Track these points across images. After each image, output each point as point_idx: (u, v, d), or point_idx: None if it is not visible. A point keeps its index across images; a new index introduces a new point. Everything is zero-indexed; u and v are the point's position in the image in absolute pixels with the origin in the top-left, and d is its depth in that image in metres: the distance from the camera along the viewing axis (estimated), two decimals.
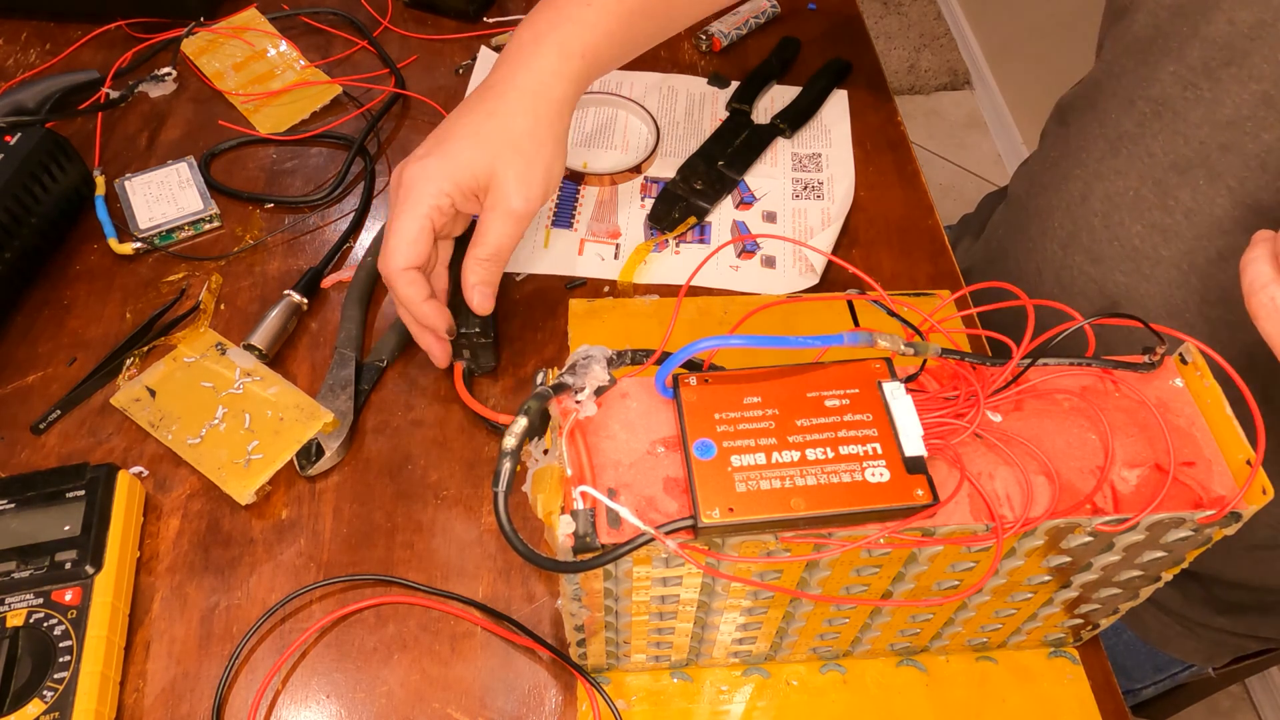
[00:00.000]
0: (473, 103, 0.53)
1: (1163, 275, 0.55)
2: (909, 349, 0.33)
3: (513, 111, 0.51)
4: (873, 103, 0.76)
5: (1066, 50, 0.66)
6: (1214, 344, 0.35)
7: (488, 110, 0.52)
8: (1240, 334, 0.47)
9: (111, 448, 0.54)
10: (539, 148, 0.51)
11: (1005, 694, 0.47)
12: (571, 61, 0.53)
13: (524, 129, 0.51)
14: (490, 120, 0.51)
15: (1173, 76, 0.53)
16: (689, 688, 0.47)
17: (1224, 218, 0.51)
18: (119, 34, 0.77)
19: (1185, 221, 0.52)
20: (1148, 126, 0.54)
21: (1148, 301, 0.56)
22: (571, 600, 0.37)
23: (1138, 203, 0.55)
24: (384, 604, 0.49)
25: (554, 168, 0.52)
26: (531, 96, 0.52)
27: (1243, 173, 0.50)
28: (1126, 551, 0.36)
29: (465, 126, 0.51)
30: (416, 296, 0.51)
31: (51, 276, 0.62)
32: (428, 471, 0.54)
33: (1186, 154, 0.52)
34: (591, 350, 0.34)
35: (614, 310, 0.61)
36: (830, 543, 0.33)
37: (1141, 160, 0.55)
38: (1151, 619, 0.72)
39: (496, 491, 0.32)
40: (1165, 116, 0.53)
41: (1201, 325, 0.54)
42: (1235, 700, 1.38)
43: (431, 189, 0.49)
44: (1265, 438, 0.32)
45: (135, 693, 0.46)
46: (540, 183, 0.51)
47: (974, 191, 2.02)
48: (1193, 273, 0.53)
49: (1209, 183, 0.51)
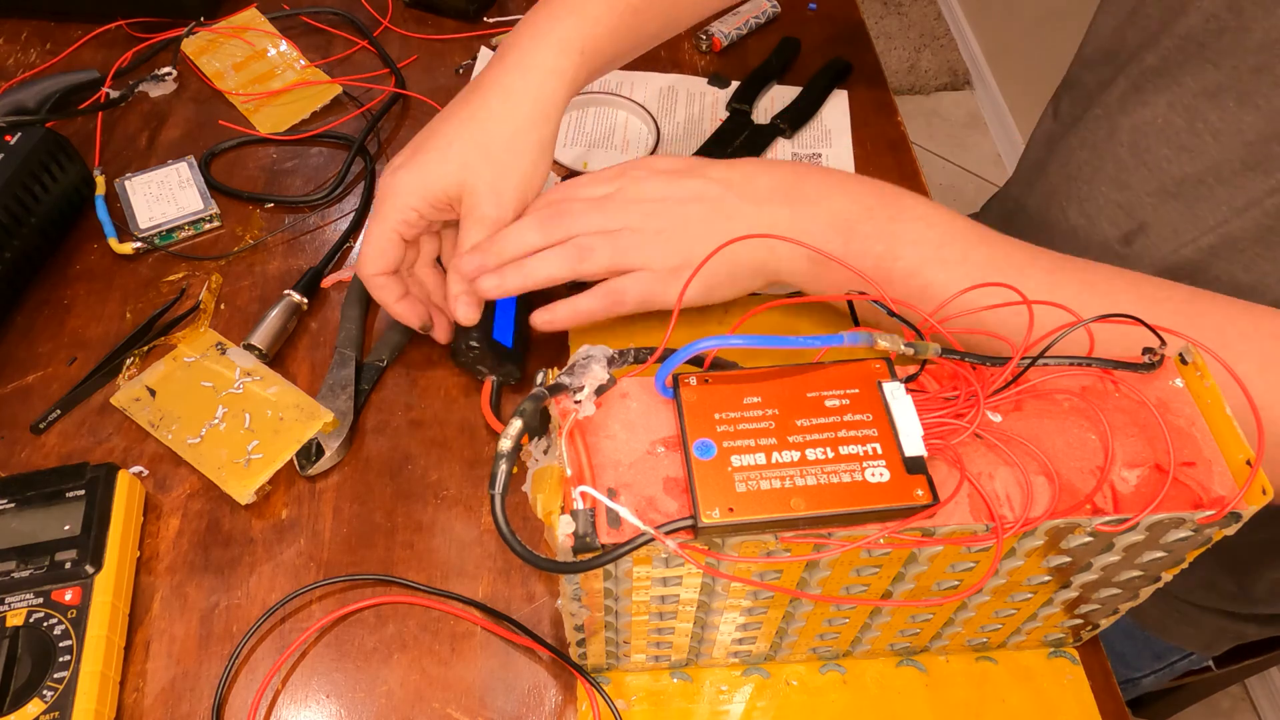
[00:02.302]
0: (456, 105, 0.53)
1: (1189, 192, 0.55)
2: (909, 349, 0.33)
3: (493, 117, 0.52)
4: (873, 103, 0.76)
5: (1067, 50, 0.66)
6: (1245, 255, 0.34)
7: (467, 115, 0.52)
8: None
9: (111, 447, 0.54)
10: (516, 156, 0.51)
11: (1005, 694, 0.47)
12: (570, 57, 0.53)
13: (502, 137, 0.51)
14: (467, 127, 0.52)
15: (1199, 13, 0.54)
16: (689, 688, 0.47)
17: (1248, 131, 0.52)
18: (119, 34, 0.77)
19: (1213, 142, 0.53)
20: (1173, 60, 0.55)
21: (1176, 219, 0.56)
22: (571, 600, 0.37)
23: (1166, 128, 0.56)
24: (384, 604, 0.49)
25: (533, 175, 0.52)
26: (517, 100, 0.52)
27: (1270, 91, 0.51)
28: (1126, 552, 0.36)
29: (442, 136, 0.52)
30: (389, 299, 0.54)
31: (52, 276, 0.62)
32: (428, 471, 0.54)
33: (1217, 79, 0.53)
34: (592, 350, 0.34)
35: None
36: (830, 543, 0.33)
37: (1170, 90, 0.55)
38: (1149, 605, 0.72)
39: (493, 494, 0.32)
40: (1191, 49, 0.54)
41: (1228, 238, 0.55)
42: (1235, 700, 1.38)
43: (399, 204, 0.51)
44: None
45: (135, 692, 0.46)
46: (514, 190, 0.51)
47: (974, 191, 2.02)
48: (1218, 185, 0.54)
49: (1238, 104, 0.52)
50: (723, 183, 0.52)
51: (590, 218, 0.51)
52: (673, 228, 0.51)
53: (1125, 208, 0.59)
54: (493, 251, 0.51)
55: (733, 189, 0.51)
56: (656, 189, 0.52)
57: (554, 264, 0.51)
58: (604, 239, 0.51)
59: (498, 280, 0.51)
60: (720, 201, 0.51)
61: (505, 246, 0.51)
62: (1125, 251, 0.59)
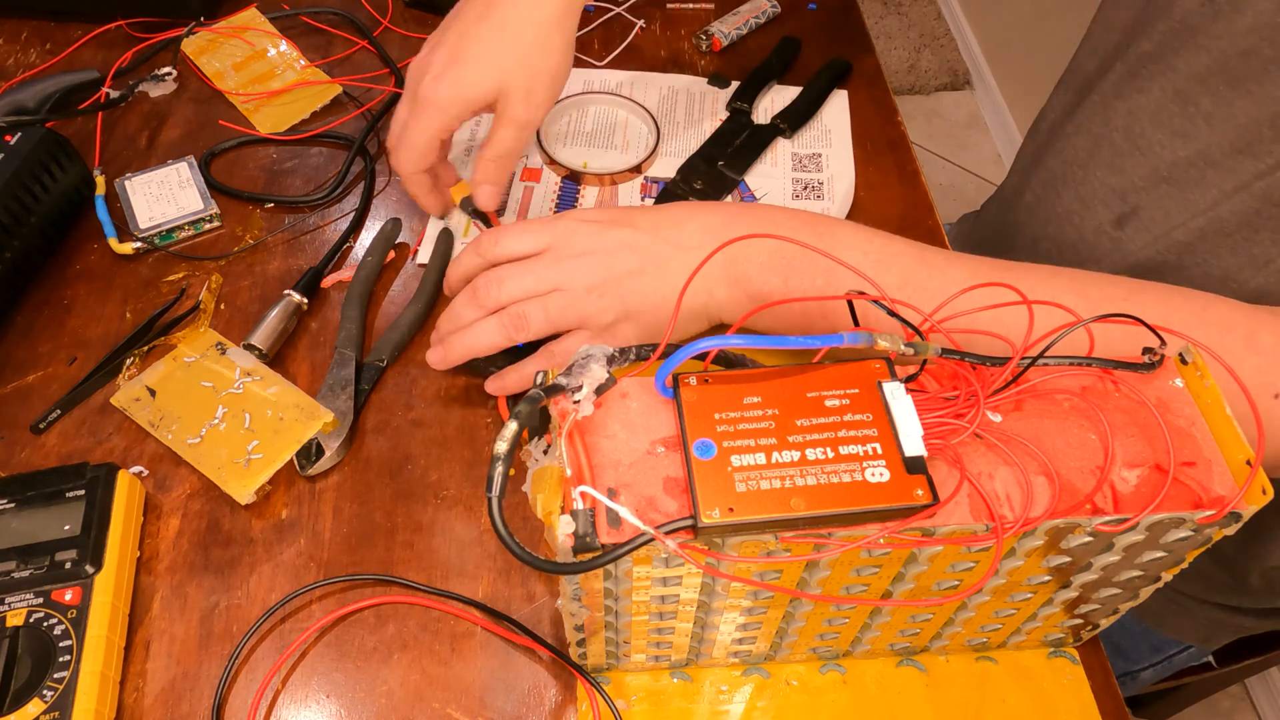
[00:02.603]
0: (482, 6, 0.56)
1: (1181, 175, 0.56)
2: (909, 349, 0.33)
3: (524, 20, 0.55)
4: (873, 103, 0.76)
5: (1067, 50, 0.65)
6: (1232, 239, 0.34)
7: (498, 21, 0.56)
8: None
9: (111, 447, 0.54)
10: (545, 56, 0.56)
11: (1005, 694, 0.47)
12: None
13: (532, 40, 0.56)
14: (500, 35, 0.55)
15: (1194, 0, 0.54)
16: (689, 688, 0.47)
17: (1239, 114, 0.53)
18: (119, 33, 0.77)
19: (1205, 126, 0.54)
20: (1169, 45, 0.56)
21: (1167, 203, 0.57)
22: (571, 600, 0.37)
23: (1159, 113, 0.57)
24: (384, 604, 0.49)
25: (558, 74, 0.57)
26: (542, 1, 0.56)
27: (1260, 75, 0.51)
28: (1126, 552, 0.36)
29: (476, 43, 0.56)
30: (422, 192, 0.61)
31: (52, 276, 0.62)
32: (428, 471, 0.54)
33: (1206, 63, 0.53)
34: (592, 349, 0.34)
35: None
36: (830, 543, 0.33)
37: (1164, 75, 0.56)
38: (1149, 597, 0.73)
39: (490, 497, 0.32)
40: (1184, 34, 0.55)
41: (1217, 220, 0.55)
42: (1235, 700, 1.38)
43: (441, 113, 0.56)
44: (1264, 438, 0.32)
45: (135, 692, 0.46)
46: (544, 89, 0.57)
47: (974, 191, 2.02)
48: (1209, 168, 0.54)
49: (1229, 87, 0.52)
50: (651, 231, 0.51)
51: (520, 281, 0.51)
52: (604, 283, 0.51)
53: (1119, 192, 0.59)
54: (439, 329, 0.54)
55: (660, 236, 0.51)
56: (584, 242, 0.52)
57: (492, 333, 0.51)
58: (536, 304, 0.51)
59: (443, 353, 0.53)
60: (649, 250, 0.51)
61: (444, 323, 0.54)
62: (1118, 235, 0.60)
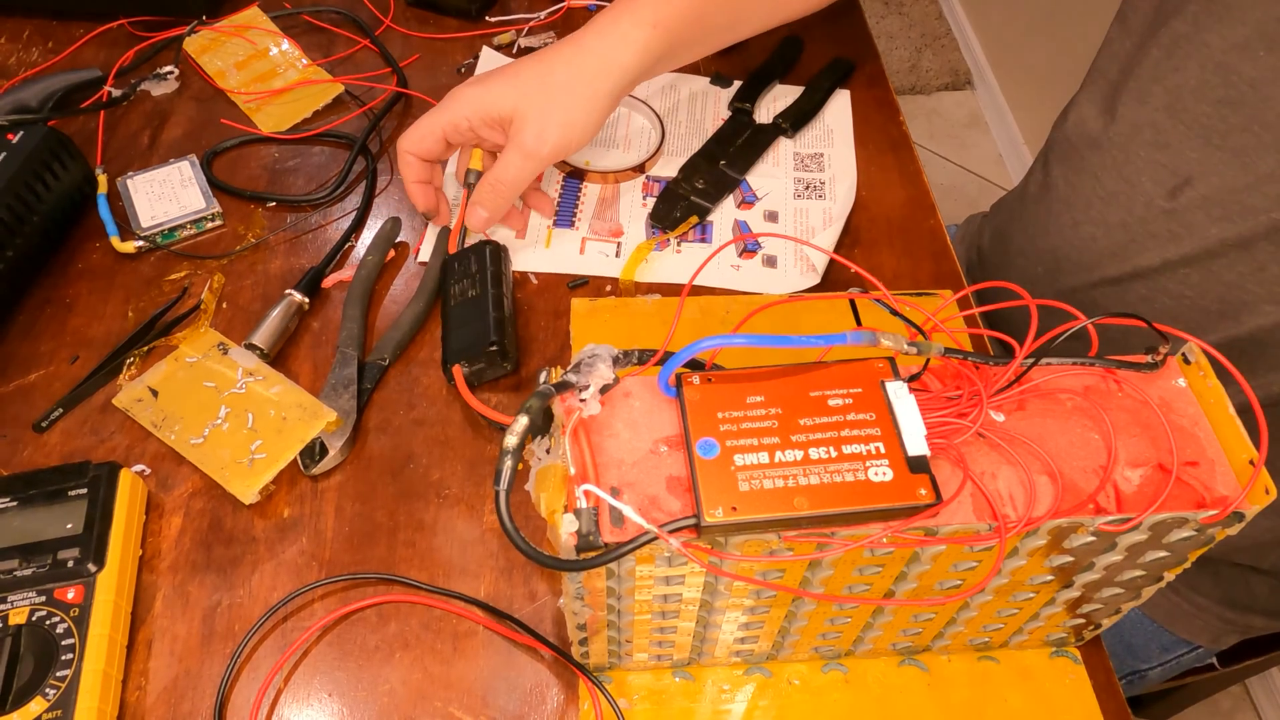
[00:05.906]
0: (539, 53, 0.59)
1: (1235, 140, 0.56)
2: (912, 348, 0.33)
3: (560, 60, 0.57)
4: (875, 102, 0.76)
5: (1068, 50, 0.66)
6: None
7: (538, 57, 0.58)
8: None
9: (114, 446, 0.54)
10: (569, 97, 0.57)
11: (1007, 694, 0.47)
12: (642, 29, 0.58)
13: (562, 78, 0.57)
14: (535, 65, 0.58)
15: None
16: (691, 687, 0.47)
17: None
18: (121, 32, 0.77)
19: (1251, 91, 0.54)
20: (1201, 22, 0.56)
21: (1224, 169, 0.57)
22: (574, 599, 0.37)
23: (1201, 87, 0.57)
24: (386, 603, 0.49)
25: (579, 122, 0.57)
26: (586, 52, 0.57)
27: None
28: (1129, 551, 0.36)
29: (512, 67, 0.58)
30: (409, 176, 0.61)
31: (53, 275, 0.62)
32: (430, 470, 0.54)
33: (1244, 34, 0.54)
34: (598, 349, 0.34)
35: (616, 310, 0.61)
36: (833, 542, 0.33)
37: (1199, 53, 0.56)
38: (1159, 596, 0.72)
39: (498, 490, 0.32)
40: (1217, 10, 0.55)
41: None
42: (1235, 700, 1.38)
43: (456, 109, 0.58)
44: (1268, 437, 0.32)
45: (137, 691, 0.46)
46: (557, 127, 0.57)
47: (975, 191, 2.02)
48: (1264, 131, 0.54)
49: (1269, 51, 0.53)
50: None
51: None
52: None
53: (1169, 166, 0.59)
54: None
55: None
56: None
57: None
58: None
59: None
60: None
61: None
62: (1172, 206, 0.59)
